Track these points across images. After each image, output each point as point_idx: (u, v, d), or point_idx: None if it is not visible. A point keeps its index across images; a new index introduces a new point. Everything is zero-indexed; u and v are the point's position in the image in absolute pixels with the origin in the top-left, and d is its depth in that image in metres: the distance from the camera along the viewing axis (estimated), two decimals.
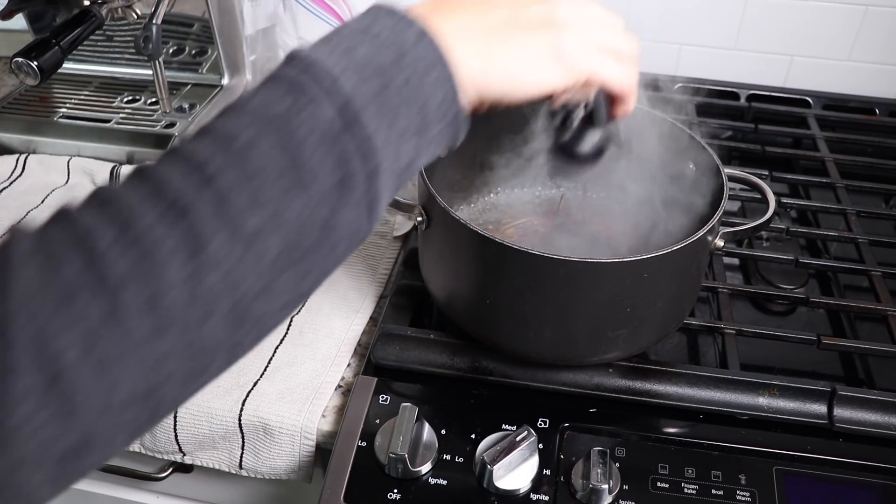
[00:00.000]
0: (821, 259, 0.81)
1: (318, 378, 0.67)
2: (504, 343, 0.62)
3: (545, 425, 0.60)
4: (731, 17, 1.04)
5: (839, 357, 0.71)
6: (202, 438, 0.66)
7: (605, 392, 0.62)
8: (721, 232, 0.60)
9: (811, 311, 0.76)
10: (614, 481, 0.56)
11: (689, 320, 0.68)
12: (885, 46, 1.03)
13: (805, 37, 1.04)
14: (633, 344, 0.61)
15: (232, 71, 0.97)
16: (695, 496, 0.56)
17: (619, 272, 0.54)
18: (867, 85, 1.06)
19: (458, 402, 0.62)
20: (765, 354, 0.70)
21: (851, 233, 0.81)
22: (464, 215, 0.65)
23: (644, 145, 0.69)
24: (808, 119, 1.01)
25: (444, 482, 0.57)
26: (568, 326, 0.59)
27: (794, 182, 0.92)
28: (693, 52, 1.08)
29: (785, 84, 1.08)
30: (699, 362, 0.69)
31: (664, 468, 0.58)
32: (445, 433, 0.60)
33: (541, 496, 0.56)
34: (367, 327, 0.72)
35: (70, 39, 0.75)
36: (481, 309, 0.61)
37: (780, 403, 0.61)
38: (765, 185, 0.67)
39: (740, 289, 0.74)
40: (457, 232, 0.58)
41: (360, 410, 0.61)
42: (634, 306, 0.57)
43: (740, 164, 0.96)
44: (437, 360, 0.64)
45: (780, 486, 0.57)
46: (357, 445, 0.59)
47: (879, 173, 0.93)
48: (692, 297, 0.65)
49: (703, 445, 0.59)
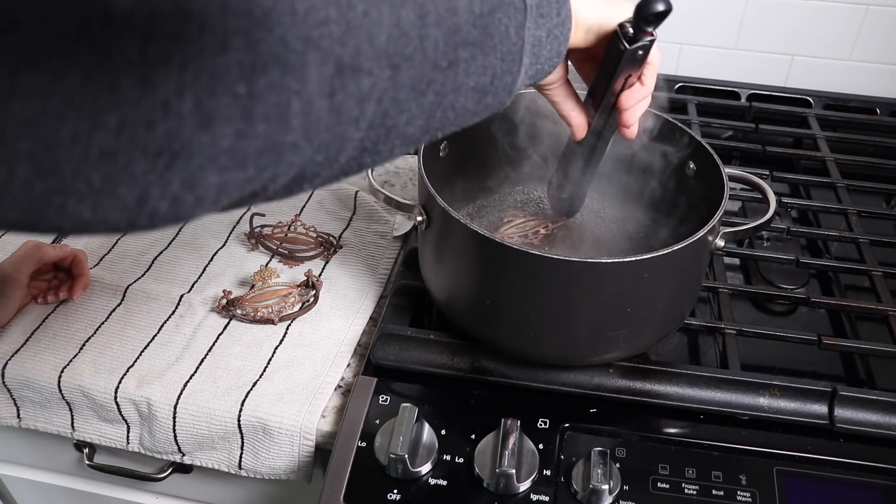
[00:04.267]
0: (821, 259, 0.81)
1: (317, 378, 0.67)
2: (504, 343, 0.62)
3: (545, 425, 0.60)
4: (731, 16, 1.04)
5: (840, 357, 0.71)
6: (201, 439, 0.66)
7: (605, 392, 0.62)
8: (721, 232, 0.60)
9: (812, 311, 0.76)
10: (615, 482, 0.56)
11: (690, 320, 0.67)
12: (886, 46, 1.03)
13: (806, 36, 1.04)
14: (633, 344, 0.61)
15: None
16: (695, 497, 0.56)
17: (620, 272, 0.54)
18: (868, 84, 1.06)
19: (458, 403, 0.62)
20: (765, 354, 0.70)
21: (852, 233, 0.81)
22: (464, 216, 0.65)
23: (645, 145, 0.69)
24: (809, 119, 1.01)
25: (444, 482, 0.57)
26: (568, 327, 0.58)
27: (794, 182, 0.92)
28: (694, 52, 1.08)
29: (786, 84, 1.08)
30: (700, 362, 0.69)
31: (665, 468, 0.58)
32: (445, 433, 0.60)
33: (541, 496, 0.56)
34: (367, 327, 0.72)
35: None
36: (481, 309, 0.61)
37: (781, 404, 0.61)
38: (765, 184, 0.67)
39: (741, 289, 0.73)
40: (457, 232, 0.58)
41: (360, 411, 0.61)
42: (635, 306, 0.57)
43: (741, 163, 0.96)
44: (437, 360, 0.64)
45: (780, 486, 0.57)
46: (357, 446, 0.59)
47: (880, 173, 0.93)
48: (693, 297, 0.65)
49: (703, 446, 0.59)
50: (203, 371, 0.67)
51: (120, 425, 0.68)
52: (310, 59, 0.30)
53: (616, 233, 0.74)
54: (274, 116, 0.30)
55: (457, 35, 0.37)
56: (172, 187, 0.28)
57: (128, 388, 0.66)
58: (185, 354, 0.69)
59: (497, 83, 0.41)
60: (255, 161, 0.30)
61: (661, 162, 0.70)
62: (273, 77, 0.29)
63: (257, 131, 0.29)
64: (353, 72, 0.32)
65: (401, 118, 0.36)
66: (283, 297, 0.73)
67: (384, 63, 0.33)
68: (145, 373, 0.67)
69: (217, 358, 0.68)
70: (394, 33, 0.34)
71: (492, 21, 0.39)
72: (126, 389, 0.66)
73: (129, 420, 0.68)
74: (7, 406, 0.70)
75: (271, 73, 0.29)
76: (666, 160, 0.69)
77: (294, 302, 0.73)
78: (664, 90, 1.05)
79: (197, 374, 0.67)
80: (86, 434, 0.70)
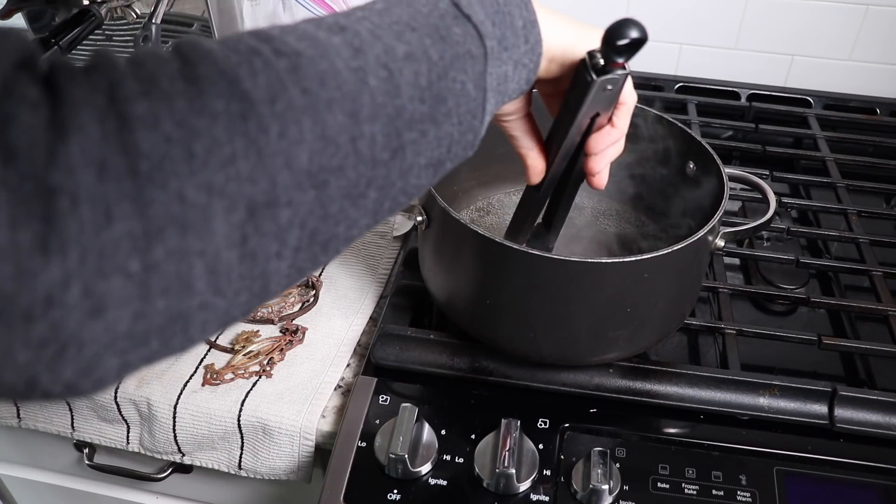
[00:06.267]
0: (821, 259, 0.81)
1: (317, 378, 0.67)
2: (504, 343, 0.62)
3: (545, 425, 0.60)
4: (731, 16, 1.04)
5: (840, 357, 0.71)
6: (201, 439, 0.66)
7: (605, 392, 0.62)
8: (721, 232, 0.60)
9: (812, 311, 0.76)
10: (615, 482, 0.56)
11: (690, 320, 0.67)
12: (885, 46, 1.03)
13: (806, 36, 1.04)
14: (633, 344, 0.61)
15: None
16: (695, 497, 0.56)
17: (620, 272, 0.54)
18: (868, 84, 1.06)
19: (458, 403, 0.62)
20: (765, 354, 0.70)
21: (852, 233, 0.81)
22: (464, 216, 0.65)
23: (645, 145, 0.69)
24: (809, 119, 1.01)
25: (444, 482, 0.57)
26: (568, 327, 0.58)
27: (794, 182, 0.92)
28: (694, 52, 1.08)
29: (786, 84, 1.08)
30: (700, 362, 0.69)
31: (664, 468, 0.58)
32: (445, 433, 0.60)
33: (541, 496, 0.56)
34: (367, 327, 0.72)
35: (69, 39, 0.75)
36: (481, 309, 0.61)
37: (781, 404, 0.61)
38: (765, 184, 0.67)
39: (741, 289, 0.73)
40: (457, 232, 0.58)
41: (360, 411, 0.61)
42: (635, 306, 0.57)
43: (741, 163, 0.96)
44: (436, 360, 0.64)
45: (780, 486, 0.57)
46: (357, 446, 0.59)
47: (880, 173, 0.93)
48: (693, 297, 0.65)
49: (703, 446, 0.59)
50: (203, 371, 0.67)
51: (120, 425, 0.68)
52: (214, 211, 0.26)
53: (616, 232, 0.74)
54: (175, 287, 0.26)
55: (400, 119, 0.32)
56: (64, 375, 0.25)
57: (128, 388, 0.66)
58: (185, 354, 0.69)
59: (456, 148, 0.37)
60: (159, 335, 0.27)
61: (662, 162, 0.70)
62: (171, 242, 0.25)
63: (157, 308, 0.26)
64: (268, 208, 0.28)
65: (337, 228, 0.31)
66: (283, 296, 0.73)
67: (306, 185, 0.29)
68: (145, 373, 0.67)
69: (216, 358, 0.68)
70: (317, 147, 0.29)
71: (444, 86, 0.35)
72: (126, 389, 0.66)
73: (128, 420, 0.68)
74: (7, 406, 0.70)
75: (169, 238, 0.25)
76: (666, 160, 0.69)
77: (294, 302, 0.73)
78: (664, 90, 1.05)
79: (197, 374, 0.67)
80: (86, 434, 0.70)
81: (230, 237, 0.27)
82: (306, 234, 0.30)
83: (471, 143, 0.38)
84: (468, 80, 0.36)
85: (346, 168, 0.30)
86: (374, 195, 0.32)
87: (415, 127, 0.33)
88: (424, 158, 0.34)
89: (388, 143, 0.32)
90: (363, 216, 0.33)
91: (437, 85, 0.34)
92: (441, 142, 0.35)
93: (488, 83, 0.38)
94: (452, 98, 0.35)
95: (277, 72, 0.28)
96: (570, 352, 0.61)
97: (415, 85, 0.33)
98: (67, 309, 0.24)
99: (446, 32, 0.36)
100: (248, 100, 0.27)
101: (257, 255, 0.28)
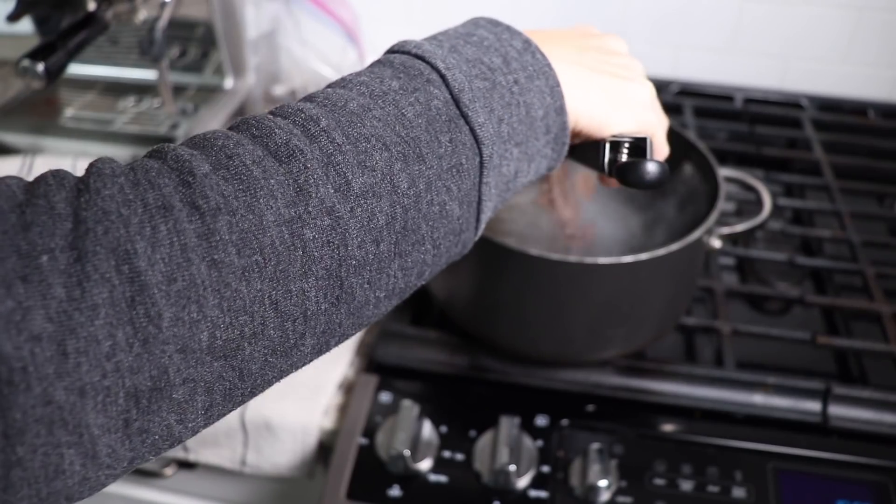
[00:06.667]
0: (815, 259, 0.82)
1: (319, 376, 0.67)
2: (503, 341, 0.63)
3: (544, 423, 0.61)
4: (727, 20, 1.05)
5: (833, 355, 0.72)
6: (205, 436, 0.67)
7: (602, 390, 0.63)
8: (717, 232, 0.61)
9: (806, 310, 0.76)
10: (612, 478, 0.57)
11: (686, 319, 0.68)
12: (878, 50, 1.04)
13: (800, 40, 1.05)
14: (630, 342, 0.62)
15: (236, 74, 0.98)
16: (691, 493, 0.57)
17: (617, 273, 0.55)
18: (861, 87, 1.07)
19: (458, 400, 0.63)
20: (760, 353, 0.71)
21: (845, 233, 0.82)
22: None
23: None
24: (803, 121, 1.02)
25: (445, 479, 0.58)
26: (566, 325, 0.59)
27: (789, 183, 0.93)
28: (690, 55, 1.09)
29: (781, 87, 1.09)
30: (695, 361, 0.70)
31: (661, 465, 0.58)
32: (446, 430, 0.61)
33: (540, 493, 0.57)
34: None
35: (76, 43, 0.76)
36: (481, 308, 0.62)
37: (776, 401, 0.62)
38: (760, 185, 0.68)
39: (736, 288, 0.74)
40: None
41: (362, 408, 0.62)
42: (631, 306, 0.58)
43: (736, 165, 0.97)
44: (437, 358, 0.65)
45: (775, 482, 0.58)
46: (358, 443, 0.60)
47: (873, 174, 0.94)
48: (688, 296, 0.66)
49: (699, 443, 0.60)
50: None
51: None
52: (86, 408, 0.23)
53: (613, 234, 0.75)
54: (43, 476, 0.23)
55: (343, 267, 0.29)
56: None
57: None
58: None
59: (434, 268, 0.33)
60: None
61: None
62: (36, 440, 0.23)
63: (21, 494, 0.23)
64: (156, 392, 0.25)
65: (262, 380, 0.29)
66: None
67: (207, 360, 0.26)
68: None
69: None
70: (223, 322, 0.26)
71: (413, 216, 0.31)
72: None
73: None
74: None
75: (31, 438, 0.23)
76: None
77: None
78: (660, 93, 1.06)
79: None
80: None
81: (107, 426, 0.24)
82: (218, 397, 0.27)
83: (458, 254, 0.35)
84: (451, 199, 0.32)
85: (266, 330, 0.27)
86: (313, 341, 0.29)
87: (363, 270, 0.29)
88: (383, 292, 0.31)
89: (326, 295, 0.28)
90: (300, 361, 0.30)
91: (401, 218, 0.30)
92: (408, 272, 0.31)
93: (484, 192, 0.34)
94: (426, 224, 0.31)
95: (184, 240, 0.25)
96: (567, 350, 0.62)
97: (367, 228, 0.29)
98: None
99: (429, 148, 0.31)
100: (139, 281, 0.24)
101: (149, 430, 0.25)
